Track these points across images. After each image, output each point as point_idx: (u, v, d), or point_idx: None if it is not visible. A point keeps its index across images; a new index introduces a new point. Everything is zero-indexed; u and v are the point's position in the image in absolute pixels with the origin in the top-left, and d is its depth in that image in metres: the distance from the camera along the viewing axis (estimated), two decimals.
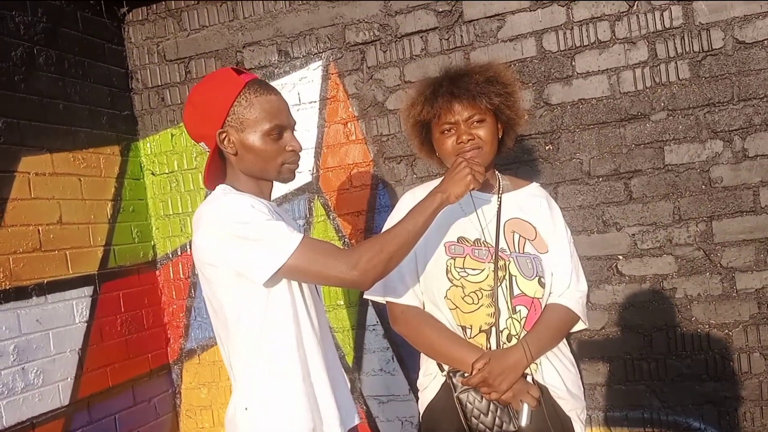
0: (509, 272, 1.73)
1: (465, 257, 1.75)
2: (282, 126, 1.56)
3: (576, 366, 1.83)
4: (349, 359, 3.16)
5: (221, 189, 1.59)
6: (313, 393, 1.56)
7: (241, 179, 1.60)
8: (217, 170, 1.66)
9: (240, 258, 1.45)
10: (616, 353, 2.79)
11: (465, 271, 1.73)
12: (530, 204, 1.85)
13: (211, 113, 1.54)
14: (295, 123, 1.63)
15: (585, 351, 2.82)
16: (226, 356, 1.62)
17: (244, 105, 1.53)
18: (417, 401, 1.90)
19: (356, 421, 1.70)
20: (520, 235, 1.79)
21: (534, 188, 1.92)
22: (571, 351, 1.87)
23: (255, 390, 1.54)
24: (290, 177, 1.63)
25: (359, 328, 3.13)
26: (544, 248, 1.80)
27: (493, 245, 1.75)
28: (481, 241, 1.77)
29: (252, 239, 1.44)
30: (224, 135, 1.55)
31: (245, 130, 1.54)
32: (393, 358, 3.08)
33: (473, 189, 1.61)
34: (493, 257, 1.74)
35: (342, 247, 1.47)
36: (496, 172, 1.90)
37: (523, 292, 1.73)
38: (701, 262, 2.68)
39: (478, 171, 1.62)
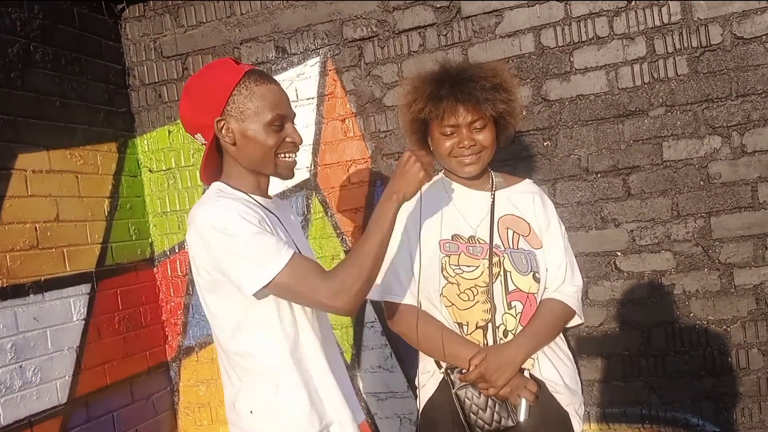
0: (504, 268, 1.73)
1: (459, 254, 1.75)
2: (284, 116, 1.52)
3: (573, 361, 1.83)
4: (348, 356, 3.16)
5: (215, 188, 1.55)
6: (317, 394, 1.54)
7: (239, 173, 1.56)
8: (214, 164, 1.61)
9: (229, 270, 1.43)
10: (615, 349, 2.79)
11: (460, 268, 1.73)
12: (524, 200, 1.86)
13: (210, 102, 1.49)
14: (294, 115, 1.59)
15: (583, 347, 2.82)
16: (224, 357, 1.58)
17: (245, 94, 1.48)
18: (416, 398, 1.90)
19: (362, 419, 1.69)
20: (513, 231, 1.80)
21: (527, 185, 1.92)
22: (569, 347, 1.88)
23: (258, 393, 1.52)
24: (288, 173, 1.58)
25: (357, 325, 3.13)
26: (538, 244, 1.81)
27: (487, 242, 1.75)
28: (476, 238, 1.77)
29: (239, 254, 1.41)
30: (223, 123, 1.50)
31: (246, 120, 1.49)
32: (391, 355, 3.08)
33: (426, 183, 1.53)
34: (488, 254, 1.73)
35: (325, 270, 1.43)
36: (489, 169, 1.90)
37: (518, 288, 1.73)
38: (699, 258, 2.68)
39: (428, 163, 1.52)
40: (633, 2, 2.68)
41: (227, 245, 1.41)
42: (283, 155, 1.55)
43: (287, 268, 1.40)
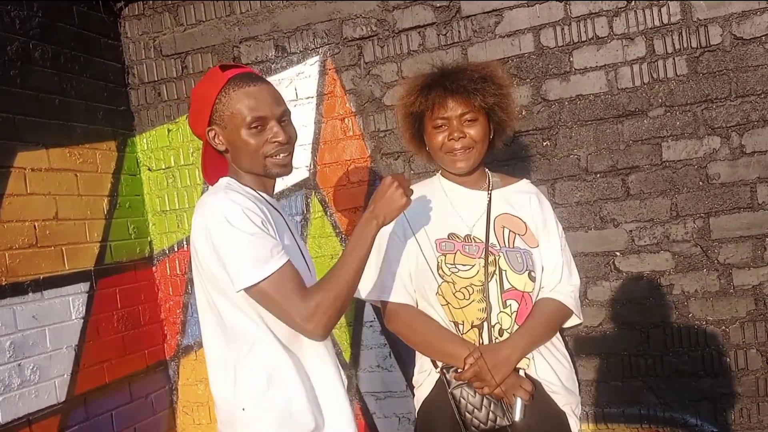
0: (499, 267, 1.73)
1: (455, 253, 1.75)
2: (262, 117, 1.51)
3: (570, 361, 1.83)
4: (346, 356, 3.16)
5: (225, 182, 1.57)
6: (313, 392, 1.53)
7: (242, 173, 1.59)
8: (217, 165, 1.65)
9: (226, 262, 1.44)
10: (613, 350, 2.79)
11: (455, 267, 1.74)
12: (520, 199, 1.86)
13: (199, 112, 1.55)
14: (281, 112, 1.55)
15: (582, 347, 2.82)
16: (217, 354, 1.57)
17: (224, 101, 1.51)
18: (414, 397, 1.90)
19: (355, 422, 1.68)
20: (509, 230, 1.80)
21: (524, 184, 1.92)
22: (567, 347, 1.87)
23: (251, 388, 1.51)
24: (281, 171, 1.58)
25: (356, 324, 3.13)
26: (535, 243, 1.80)
27: (483, 241, 1.75)
28: (472, 237, 1.77)
29: (235, 249, 1.42)
30: (213, 133, 1.55)
31: (228, 126, 1.52)
32: (390, 355, 3.08)
33: (406, 209, 1.53)
34: (484, 253, 1.73)
35: (304, 288, 1.41)
36: (486, 169, 1.90)
37: (513, 287, 1.73)
38: (698, 259, 2.68)
39: (409, 188, 1.54)
40: (633, 2, 2.67)
41: (228, 236, 1.42)
42: (271, 157, 1.55)
43: (275, 277, 1.41)
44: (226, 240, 1.42)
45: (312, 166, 3.15)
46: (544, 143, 2.82)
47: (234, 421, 1.53)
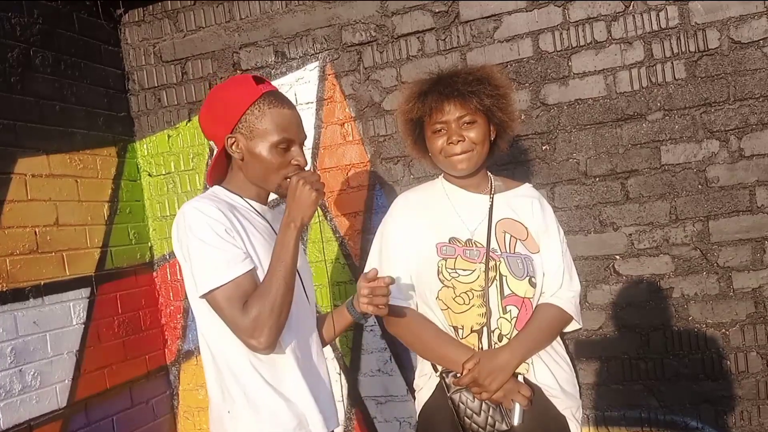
0: (499, 272, 1.74)
1: (456, 258, 1.75)
2: (290, 140, 1.57)
3: (571, 365, 1.83)
4: (347, 360, 3.16)
5: (210, 191, 1.64)
6: (286, 395, 1.56)
7: (241, 181, 1.63)
8: (222, 168, 1.69)
9: (191, 266, 1.51)
10: (614, 353, 2.79)
11: (456, 272, 1.74)
12: (522, 204, 1.86)
13: (224, 117, 1.57)
14: (305, 138, 1.64)
15: (582, 351, 2.83)
16: (209, 358, 1.61)
17: (257, 114, 1.55)
18: (414, 401, 1.90)
19: (335, 426, 1.68)
20: (511, 235, 1.80)
21: (526, 189, 1.92)
22: (568, 350, 1.87)
23: (234, 393, 1.55)
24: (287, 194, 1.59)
25: (357, 328, 3.13)
26: (536, 248, 1.80)
27: (485, 245, 1.76)
28: (473, 241, 1.78)
29: (193, 257, 1.49)
30: (233, 140, 1.57)
31: (254, 139, 1.56)
32: (391, 359, 3.08)
33: (320, 201, 1.53)
34: (484, 258, 1.74)
35: (245, 305, 1.45)
36: (489, 173, 1.90)
37: (513, 292, 1.74)
38: (698, 262, 2.68)
39: (317, 182, 1.51)
40: (631, 7, 2.68)
41: (190, 244, 1.49)
42: (289, 179, 1.58)
43: (228, 286, 1.46)
44: (189, 248, 1.49)
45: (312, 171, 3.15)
46: (544, 147, 2.83)
47: (222, 422, 1.58)
